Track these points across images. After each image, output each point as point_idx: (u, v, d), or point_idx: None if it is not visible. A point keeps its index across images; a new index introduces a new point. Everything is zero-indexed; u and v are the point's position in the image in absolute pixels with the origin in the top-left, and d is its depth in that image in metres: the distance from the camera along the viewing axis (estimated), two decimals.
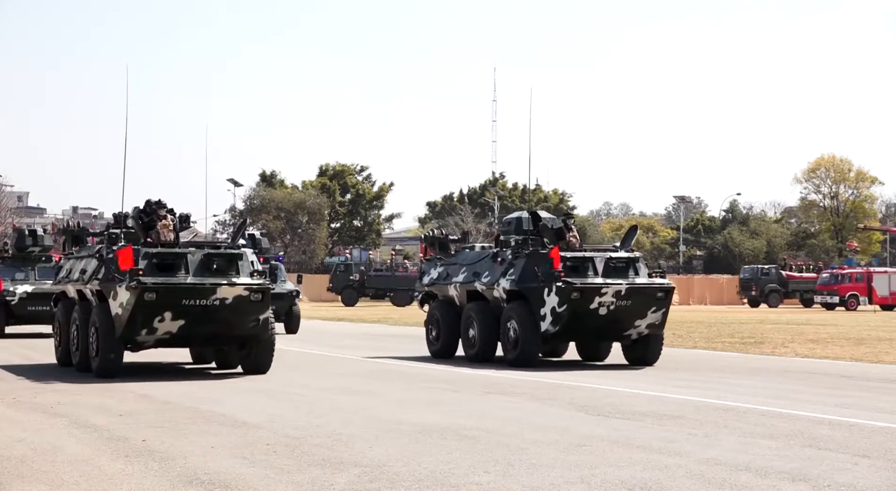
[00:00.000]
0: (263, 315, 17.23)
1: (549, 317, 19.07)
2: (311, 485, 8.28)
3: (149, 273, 16.61)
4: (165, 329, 16.84)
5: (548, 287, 19.01)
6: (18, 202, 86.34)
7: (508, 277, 19.88)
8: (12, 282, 28.89)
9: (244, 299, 16.86)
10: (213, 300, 16.73)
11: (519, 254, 20.03)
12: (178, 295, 16.62)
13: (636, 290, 19.13)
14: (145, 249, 16.97)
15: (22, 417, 12.25)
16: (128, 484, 8.33)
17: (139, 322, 16.67)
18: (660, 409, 13.01)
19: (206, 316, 16.78)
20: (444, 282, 21.98)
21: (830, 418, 12.20)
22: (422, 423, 11.63)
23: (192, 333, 17.13)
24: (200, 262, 17.00)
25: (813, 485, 8.41)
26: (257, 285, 16.99)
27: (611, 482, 8.38)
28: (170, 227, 17.82)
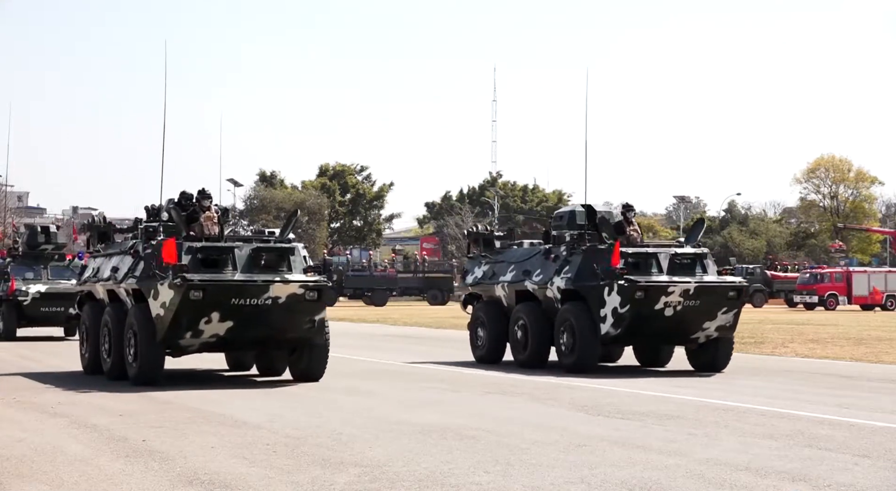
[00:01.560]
0: (319, 316, 15.78)
1: (609, 318, 17.55)
2: (311, 485, 8.28)
3: (193, 269, 15.19)
4: (212, 331, 15.41)
5: (609, 286, 17.51)
6: (18, 202, 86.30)
7: (563, 275, 18.41)
8: (24, 281, 27.47)
9: (298, 298, 15.41)
10: (265, 299, 15.28)
11: (575, 250, 18.51)
12: (226, 293, 15.18)
13: (705, 289, 17.61)
14: (188, 243, 15.58)
15: (22, 417, 12.25)
16: (128, 484, 8.33)
17: (183, 324, 15.22)
18: (660, 409, 13.00)
19: (256, 317, 15.34)
20: (489, 281, 20.50)
21: (830, 418, 12.20)
22: (422, 423, 11.63)
23: (241, 336, 15.63)
24: (249, 257, 15.57)
25: (813, 485, 8.40)
26: (313, 283, 15.55)
27: (611, 482, 8.38)
28: (214, 220, 16.54)
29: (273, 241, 16.14)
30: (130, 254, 16.51)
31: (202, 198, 16.68)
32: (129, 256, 16.60)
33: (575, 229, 18.99)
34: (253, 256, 15.58)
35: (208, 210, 16.55)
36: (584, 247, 18.38)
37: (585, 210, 19.22)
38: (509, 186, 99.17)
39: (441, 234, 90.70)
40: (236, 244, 15.70)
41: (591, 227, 18.81)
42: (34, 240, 28.64)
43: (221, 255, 15.53)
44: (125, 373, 16.06)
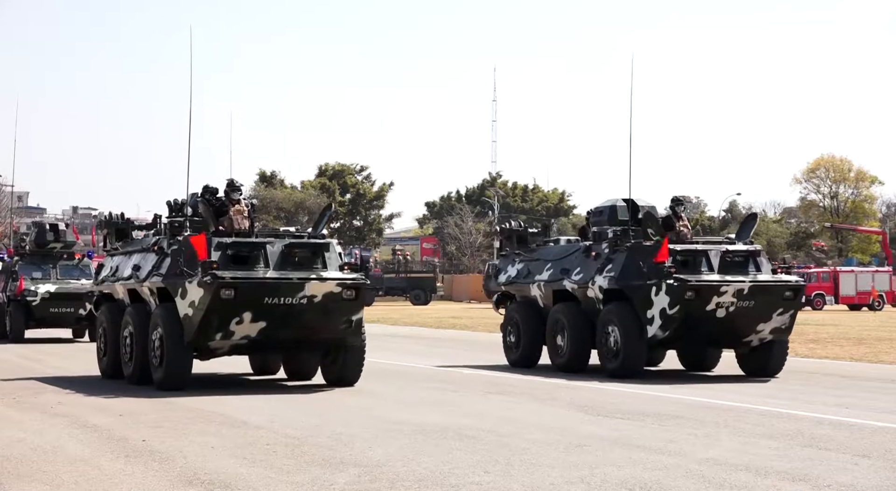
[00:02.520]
0: (356, 316, 14.98)
1: (657, 320, 16.47)
2: (311, 485, 8.27)
3: (223, 266, 14.38)
4: (243, 333, 14.61)
5: (656, 285, 16.44)
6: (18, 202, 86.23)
7: (606, 273, 17.31)
8: (32, 281, 26.43)
9: (335, 297, 14.61)
10: (300, 298, 14.47)
11: (618, 247, 17.38)
12: (259, 292, 14.35)
13: (761, 288, 16.55)
14: (217, 238, 14.77)
15: (22, 417, 12.24)
16: (128, 484, 8.32)
17: (213, 325, 14.43)
18: (660, 409, 13.00)
19: (290, 317, 14.55)
20: (524, 280, 19.42)
21: (830, 418, 12.19)
22: (422, 423, 11.63)
23: (274, 338, 14.81)
24: (281, 253, 14.75)
25: (813, 485, 8.40)
26: (351, 280, 14.75)
27: (611, 482, 8.38)
28: (244, 213, 15.83)
29: (307, 237, 15.38)
30: (154, 251, 15.71)
31: (231, 190, 15.94)
32: (152, 253, 15.79)
33: (616, 225, 18.02)
34: (286, 253, 14.80)
35: (237, 203, 15.86)
36: (628, 243, 17.28)
37: (628, 204, 18.24)
38: (509, 186, 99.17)
39: (441, 234, 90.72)
40: (268, 240, 14.92)
41: (633, 222, 17.80)
42: (42, 238, 27.59)
43: (253, 251, 14.76)
44: (148, 377, 15.30)
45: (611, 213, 18.35)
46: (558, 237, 20.55)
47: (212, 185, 16.17)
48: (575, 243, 19.08)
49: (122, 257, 17.12)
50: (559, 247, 19.37)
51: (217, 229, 15.14)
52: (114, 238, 17.74)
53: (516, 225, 20.75)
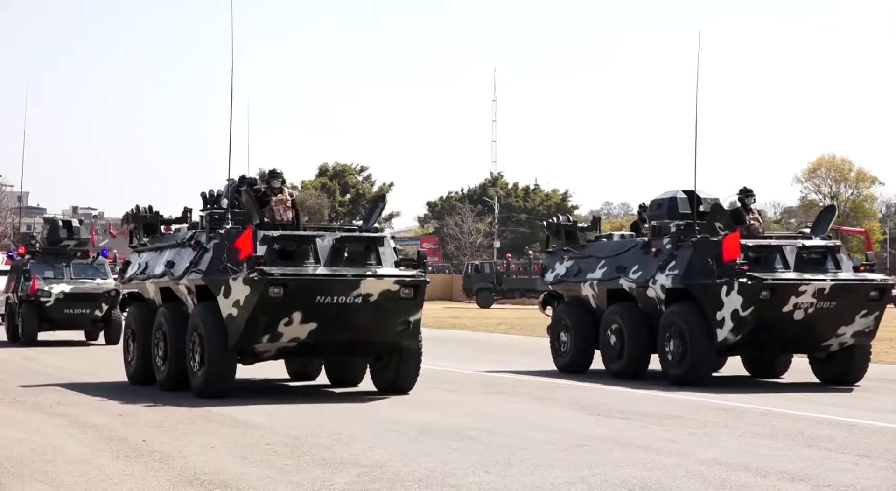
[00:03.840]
0: (414, 316, 13.80)
1: (728, 322, 15.14)
2: (311, 485, 8.27)
3: (269, 262, 13.25)
4: (292, 335, 13.50)
5: (727, 284, 15.09)
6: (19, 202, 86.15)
7: (669, 272, 15.99)
8: (45, 280, 24.89)
9: (392, 296, 13.52)
10: (355, 297, 13.36)
11: (682, 242, 16.03)
12: (310, 290, 13.26)
13: (843, 288, 15.19)
14: (262, 231, 13.65)
15: (22, 417, 12.23)
16: (128, 484, 8.32)
17: (260, 326, 13.32)
18: (660, 409, 13.00)
19: (343, 318, 13.47)
20: (574, 279, 18.04)
21: (830, 418, 12.19)
22: (422, 423, 11.62)
23: (325, 340, 13.70)
24: (332, 248, 13.64)
25: (813, 485, 8.40)
26: (410, 278, 13.70)
27: (611, 482, 8.38)
28: (287, 203, 14.80)
29: (359, 230, 14.37)
30: (190, 245, 14.50)
31: (272, 178, 14.86)
32: (188, 248, 14.57)
33: (676, 219, 16.64)
34: (337, 247, 13.66)
35: (280, 192, 14.84)
36: (693, 239, 15.91)
37: (688, 196, 16.88)
38: (510, 187, 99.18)
39: (441, 233, 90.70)
40: (318, 233, 13.85)
41: (696, 215, 16.45)
42: (55, 235, 26.00)
43: (301, 245, 13.62)
44: (184, 383, 14.30)
45: (670, 205, 16.95)
46: (610, 232, 19.28)
47: (249, 176, 15.20)
48: (630, 239, 17.77)
49: (151, 253, 15.99)
50: (613, 242, 17.99)
51: (261, 221, 14.09)
52: (141, 233, 16.51)
53: (564, 219, 19.19)
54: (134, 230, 16.74)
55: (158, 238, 16.15)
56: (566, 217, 19.48)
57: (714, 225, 15.85)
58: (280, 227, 14.18)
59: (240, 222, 14.12)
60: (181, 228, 15.86)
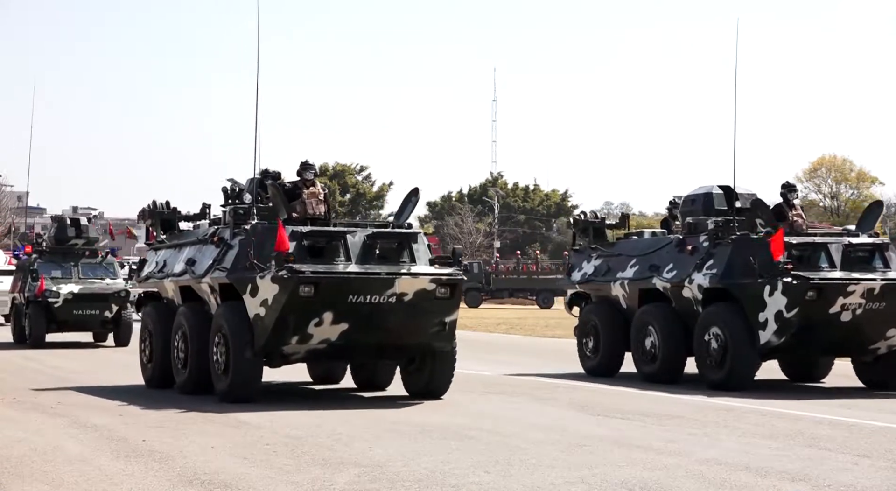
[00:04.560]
0: (450, 317, 13.24)
1: (771, 324, 14.45)
2: (311, 485, 8.27)
3: (299, 259, 12.69)
4: (323, 336, 12.93)
5: (770, 284, 14.39)
6: (18, 202, 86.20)
7: (707, 270, 15.27)
8: (53, 280, 24.15)
9: (428, 295, 12.95)
10: (389, 296, 12.79)
11: (720, 240, 15.30)
12: (342, 289, 12.68)
13: (894, 287, 14.45)
14: (291, 226, 13.08)
15: (22, 417, 12.24)
16: (128, 484, 8.33)
17: (290, 327, 12.76)
18: (660, 409, 13.00)
19: (376, 318, 12.90)
20: (603, 278, 17.38)
21: (830, 418, 12.19)
22: (422, 423, 11.63)
23: (356, 342, 13.13)
24: (364, 245, 13.06)
25: (813, 485, 8.40)
26: (446, 276, 13.12)
27: (611, 482, 8.38)
28: (320, 196, 14.10)
29: (391, 226, 13.79)
30: (213, 242, 13.87)
31: (304, 170, 14.15)
32: (210, 245, 13.96)
33: (712, 215, 15.97)
34: (368, 244, 13.08)
35: (312, 185, 14.09)
36: (733, 236, 15.22)
37: (724, 191, 16.20)
38: (510, 187, 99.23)
39: (441, 233, 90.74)
40: (350, 229, 13.26)
41: (733, 211, 15.72)
42: (63, 234, 25.18)
43: (331, 241, 13.04)
44: (205, 387, 13.77)
45: (705, 201, 16.25)
46: (641, 230, 18.71)
47: (272, 170, 14.62)
48: (663, 236, 17.11)
49: (170, 251, 15.35)
50: (645, 240, 17.32)
51: (290, 216, 13.44)
52: (159, 229, 15.88)
53: (592, 215, 18.46)
54: (151, 227, 16.14)
55: (176, 235, 15.62)
56: (593, 213, 18.64)
57: (754, 221, 15.31)
58: (311, 221, 13.54)
59: (265, 218, 13.63)
60: (200, 225, 15.44)
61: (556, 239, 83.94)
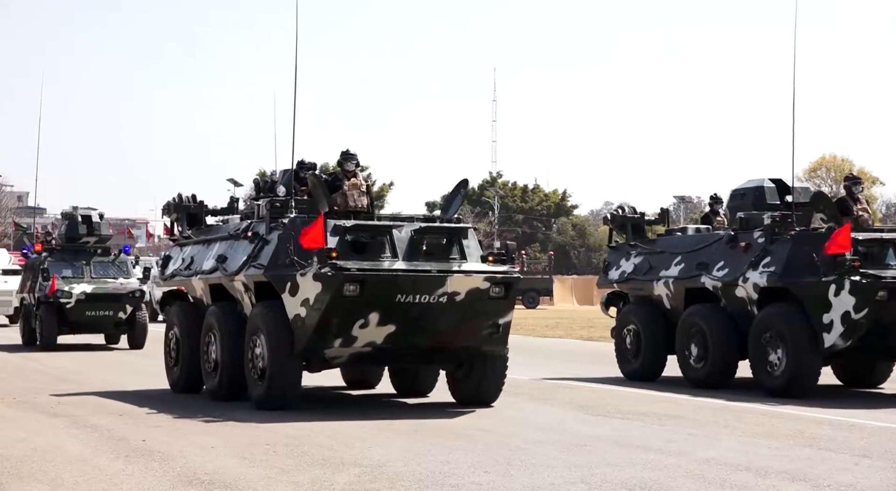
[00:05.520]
0: (504, 318, 12.37)
1: (837, 326, 13.51)
2: (311, 485, 8.27)
3: (342, 255, 11.87)
4: (368, 338, 12.09)
5: (836, 283, 13.46)
6: (18, 202, 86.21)
7: (763, 268, 14.29)
8: (65, 280, 23.13)
9: (481, 295, 12.12)
10: (439, 296, 11.96)
11: (778, 236, 14.33)
12: (390, 288, 11.85)
13: None
14: (333, 220, 12.22)
15: (22, 416, 12.24)
16: (128, 484, 8.32)
17: (332, 329, 11.93)
18: (660, 409, 13.00)
19: (425, 319, 12.07)
20: (644, 277, 16.45)
21: (830, 418, 12.19)
22: (422, 423, 11.63)
23: (403, 345, 12.31)
24: (411, 240, 12.26)
25: (813, 485, 8.40)
26: (501, 274, 12.32)
27: (611, 482, 8.38)
28: (362, 188, 13.21)
29: (439, 221, 12.93)
30: (246, 237, 13.06)
31: (346, 160, 13.24)
32: (243, 240, 13.14)
33: (763, 210, 15.17)
34: (415, 240, 12.29)
35: (354, 176, 13.20)
36: (792, 231, 14.27)
37: (776, 185, 15.48)
38: (509, 186, 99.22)
39: None
40: (396, 223, 12.39)
41: (783, 207, 14.93)
42: (74, 231, 24.09)
43: (376, 236, 12.23)
44: (239, 393, 13.08)
45: (756, 195, 15.45)
46: (685, 225, 17.78)
47: (308, 160, 13.88)
48: (712, 233, 16.15)
49: (197, 247, 14.56)
50: (690, 237, 16.37)
51: (331, 209, 12.57)
52: (185, 224, 15.08)
53: (630, 210, 17.44)
54: (176, 221, 15.29)
55: (203, 230, 14.84)
56: (632, 208, 17.59)
57: (812, 216, 14.41)
58: (353, 215, 12.63)
59: (304, 211, 12.83)
60: (228, 220, 14.66)
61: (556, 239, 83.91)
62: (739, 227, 15.20)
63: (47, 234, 25.61)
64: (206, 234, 14.60)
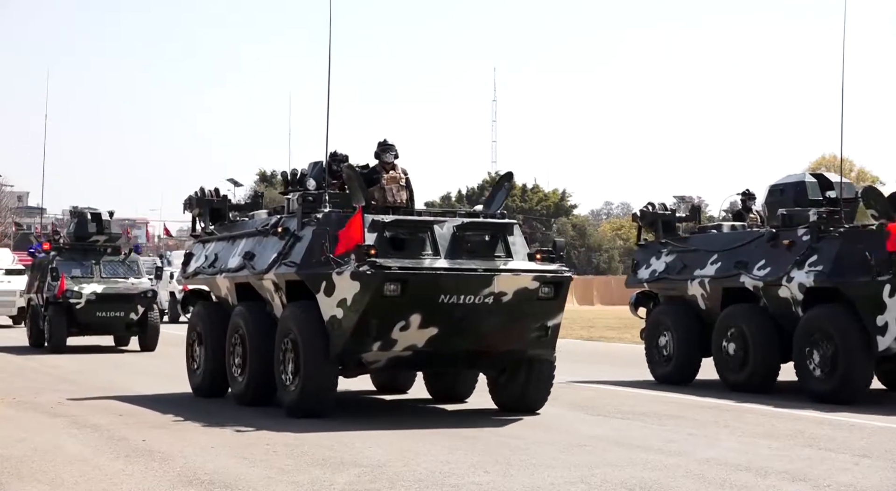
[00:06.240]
0: (553, 321, 11.73)
1: (892, 328, 12.84)
2: (311, 485, 8.27)
3: (381, 253, 11.17)
4: (408, 342, 11.39)
5: (891, 283, 12.80)
6: (18, 202, 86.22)
7: (810, 267, 13.63)
8: (74, 280, 22.51)
9: (530, 295, 11.45)
10: (485, 296, 11.28)
11: (825, 233, 13.67)
12: (433, 288, 11.14)
13: None
14: (371, 215, 11.56)
15: (22, 416, 12.24)
16: (128, 484, 8.32)
17: (372, 331, 11.21)
18: (660, 409, 13.00)
19: (470, 321, 11.37)
20: (678, 276, 15.80)
21: (830, 418, 12.19)
22: (422, 423, 11.63)
23: (446, 349, 11.58)
24: (453, 237, 11.56)
25: (813, 485, 8.40)
26: (552, 273, 11.63)
27: (611, 482, 8.38)
28: (401, 181, 12.50)
29: (482, 216, 12.24)
30: (275, 233, 12.36)
31: (384, 151, 12.53)
32: (273, 236, 12.44)
33: (804, 206, 14.49)
34: (458, 236, 11.59)
35: (392, 169, 12.52)
36: (841, 228, 13.64)
37: (818, 180, 14.87)
38: None
39: None
40: (437, 219, 11.72)
41: (826, 202, 14.41)
42: (83, 230, 23.52)
43: (417, 232, 11.50)
44: (268, 398, 12.61)
45: (797, 190, 14.77)
46: (719, 222, 17.04)
47: (341, 152, 13.17)
48: (751, 230, 15.53)
49: (221, 243, 13.91)
50: (726, 234, 15.71)
51: (368, 204, 11.94)
52: (208, 220, 14.39)
53: (661, 207, 16.78)
54: (198, 216, 14.59)
55: (227, 225, 14.18)
56: (662, 205, 16.89)
57: (856, 212, 13.85)
58: (392, 210, 12.07)
59: (337, 205, 12.12)
60: (254, 215, 13.94)
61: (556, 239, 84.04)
62: (781, 225, 14.52)
63: (55, 233, 25.02)
64: (230, 230, 13.96)
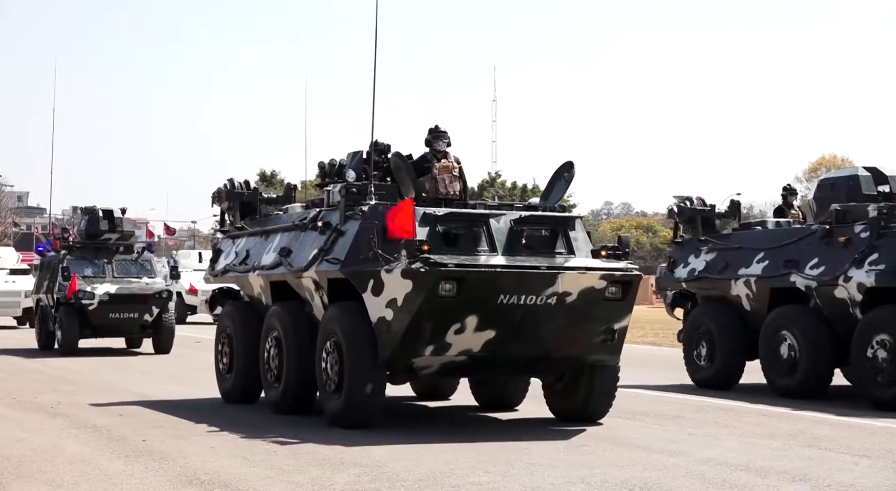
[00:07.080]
0: (620, 323, 10.83)
1: None
2: (311, 485, 8.27)
3: (434, 249, 10.19)
4: (464, 346, 10.44)
5: None
6: (18, 202, 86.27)
7: (870, 266, 12.87)
8: (86, 280, 21.69)
9: (596, 296, 10.56)
10: (548, 297, 10.37)
11: (887, 230, 12.95)
12: (492, 287, 10.21)
13: None
14: (423, 208, 10.62)
15: (22, 416, 12.23)
16: (128, 484, 8.32)
17: (425, 334, 10.28)
18: (660, 409, 13.00)
19: (530, 324, 10.48)
20: (720, 276, 15.04)
21: (830, 418, 12.19)
22: (422, 422, 11.62)
23: (503, 354, 10.65)
24: (510, 232, 10.64)
25: (813, 485, 8.40)
26: (620, 272, 10.69)
27: (611, 482, 8.38)
28: (454, 171, 11.67)
29: (542, 209, 11.30)
30: (315, 228, 11.44)
31: (436, 138, 11.70)
32: (312, 231, 11.55)
33: (858, 201, 13.77)
34: (515, 231, 10.67)
35: (445, 157, 11.68)
36: None
37: (872, 174, 14.11)
38: (508, 186, 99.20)
39: None
40: (493, 212, 10.77)
41: (881, 197, 13.79)
42: (95, 227, 22.55)
43: (472, 227, 10.58)
44: (305, 405, 11.82)
45: (850, 185, 14.03)
46: (763, 219, 16.34)
47: (383, 142, 12.19)
48: (801, 227, 14.81)
49: (254, 239, 13.04)
50: (774, 231, 14.92)
51: (418, 196, 11.20)
52: (238, 214, 13.62)
53: (699, 202, 15.88)
54: (228, 210, 13.80)
55: (259, 220, 13.36)
56: (700, 200, 15.94)
57: None
58: (444, 202, 11.16)
59: (383, 197, 11.15)
60: (287, 209, 13.14)
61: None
62: (835, 221, 13.66)
63: (64, 231, 24.27)
64: (262, 225, 13.10)
